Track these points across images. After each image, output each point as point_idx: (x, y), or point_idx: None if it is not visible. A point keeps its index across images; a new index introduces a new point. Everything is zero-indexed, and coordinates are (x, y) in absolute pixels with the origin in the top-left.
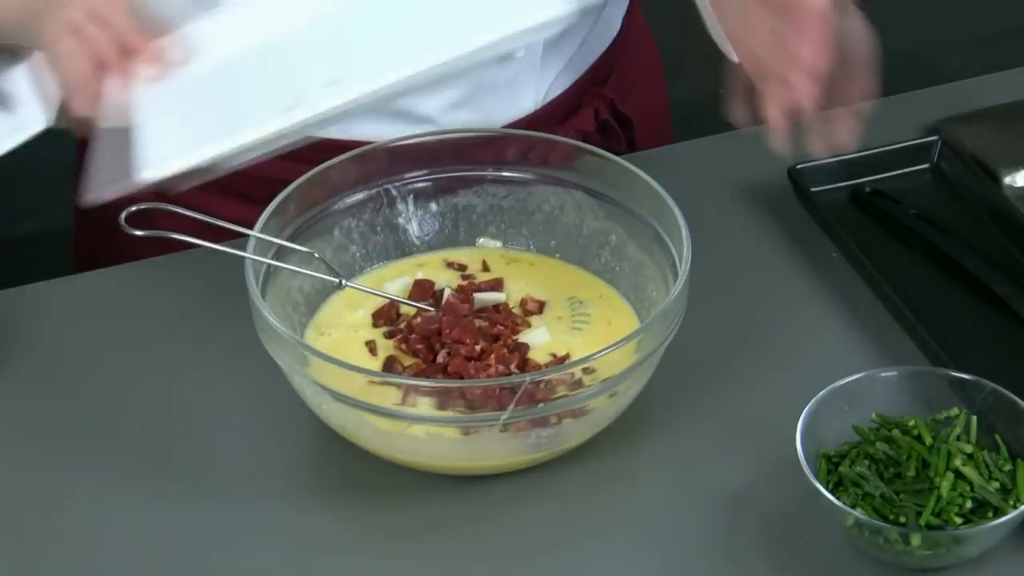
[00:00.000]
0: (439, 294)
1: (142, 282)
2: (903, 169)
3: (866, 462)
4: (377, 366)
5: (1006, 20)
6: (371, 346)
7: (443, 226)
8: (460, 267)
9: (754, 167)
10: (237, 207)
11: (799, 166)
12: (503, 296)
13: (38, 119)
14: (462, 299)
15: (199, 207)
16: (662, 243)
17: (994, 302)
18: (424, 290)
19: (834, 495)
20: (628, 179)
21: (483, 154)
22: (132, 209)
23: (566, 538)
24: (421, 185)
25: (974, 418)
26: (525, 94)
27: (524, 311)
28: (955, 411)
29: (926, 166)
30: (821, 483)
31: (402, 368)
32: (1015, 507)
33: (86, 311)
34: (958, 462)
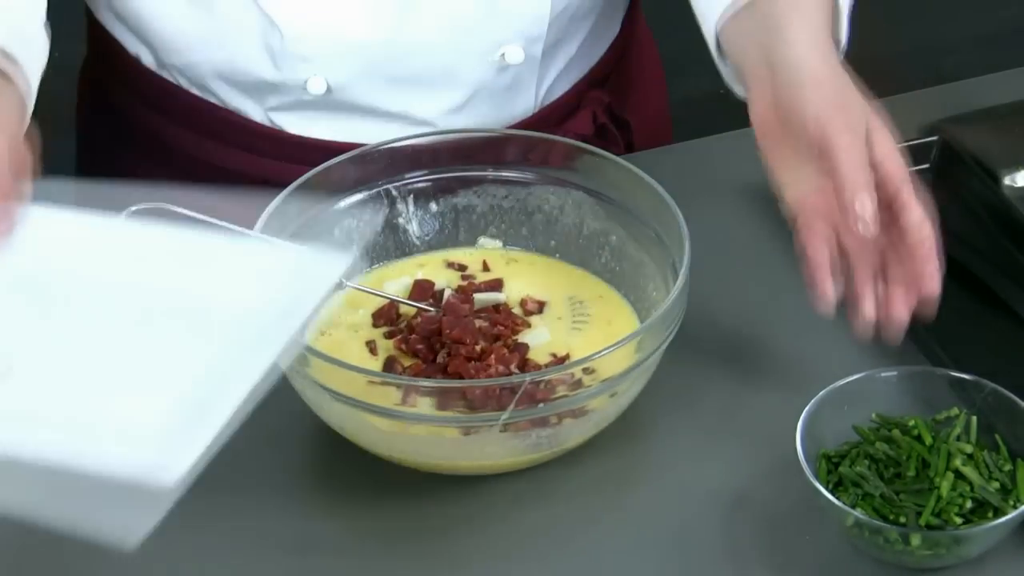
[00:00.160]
0: (439, 294)
1: None
2: None
3: (866, 462)
4: (377, 366)
5: (1006, 20)
6: (371, 346)
7: (443, 226)
8: (460, 267)
9: (754, 167)
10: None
11: None
12: (503, 296)
13: None
14: (462, 299)
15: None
16: (662, 243)
17: (994, 302)
18: (424, 290)
19: (834, 495)
20: (628, 179)
21: (483, 154)
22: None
23: (566, 538)
24: (421, 185)
25: (974, 418)
26: (524, 97)
27: (524, 311)
28: (955, 411)
29: (926, 166)
30: (821, 483)
31: (402, 368)
32: (1015, 507)
33: None
34: (958, 462)
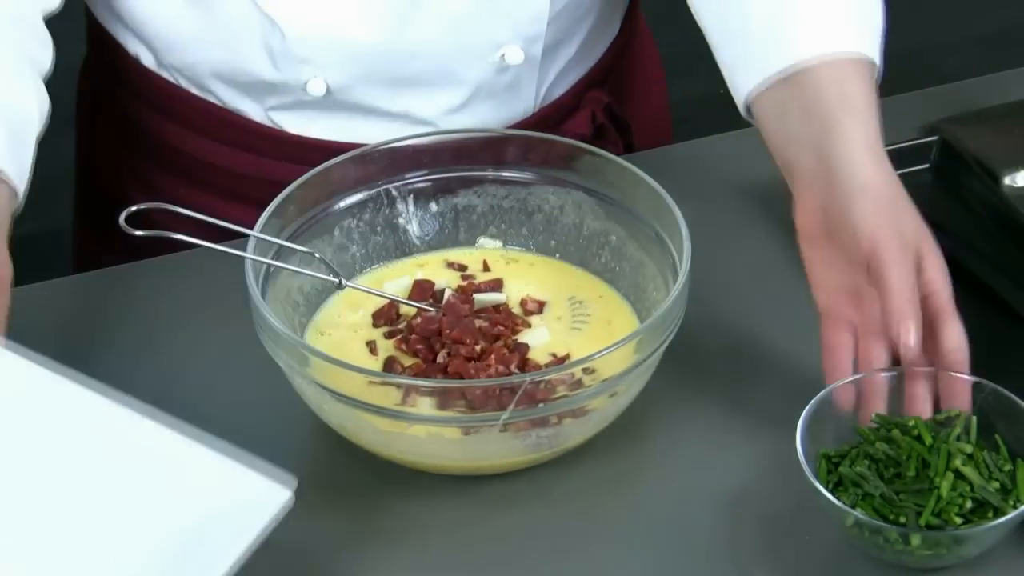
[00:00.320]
0: (439, 294)
1: (142, 282)
2: (903, 169)
3: (866, 462)
4: (377, 366)
5: (1006, 20)
6: (371, 346)
7: (443, 226)
8: (460, 267)
9: (754, 167)
10: (237, 208)
11: None
12: (503, 296)
13: None
14: (462, 299)
15: (199, 207)
16: (662, 243)
17: (994, 302)
18: (424, 290)
19: (834, 495)
20: (628, 179)
21: (483, 154)
22: (132, 209)
23: (566, 538)
24: (421, 185)
25: (974, 418)
26: (523, 98)
27: (524, 311)
28: (955, 411)
29: (926, 166)
30: (821, 483)
31: (402, 368)
32: (1015, 507)
33: (86, 311)
34: (958, 462)
